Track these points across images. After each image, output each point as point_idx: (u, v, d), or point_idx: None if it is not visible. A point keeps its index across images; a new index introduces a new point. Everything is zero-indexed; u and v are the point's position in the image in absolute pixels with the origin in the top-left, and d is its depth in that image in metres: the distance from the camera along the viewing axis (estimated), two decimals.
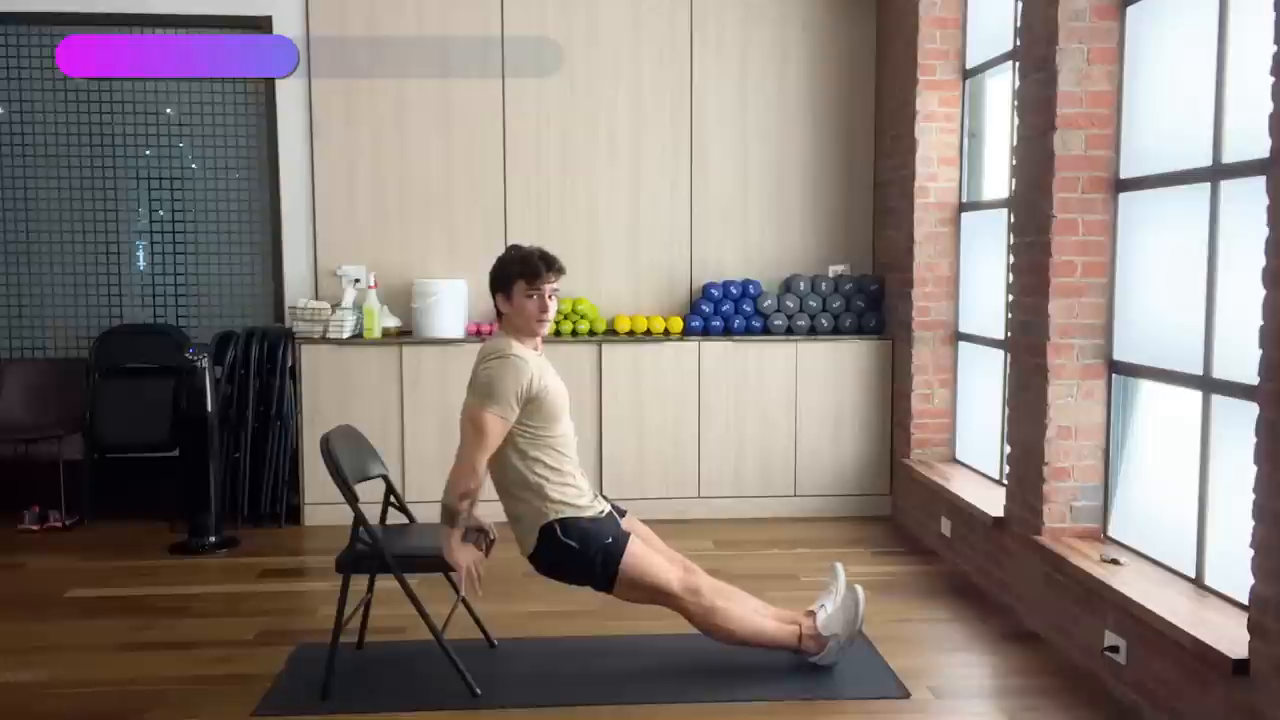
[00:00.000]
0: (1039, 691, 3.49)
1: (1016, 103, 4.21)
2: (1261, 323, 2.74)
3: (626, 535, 3.44)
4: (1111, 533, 3.92)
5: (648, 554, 3.45)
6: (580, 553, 3.36)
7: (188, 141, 6.00)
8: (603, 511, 3.48)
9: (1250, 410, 2.83)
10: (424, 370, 5.54)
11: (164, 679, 3.57)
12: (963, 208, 5.30)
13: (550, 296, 3.41)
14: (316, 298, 5.76)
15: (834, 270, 5.93)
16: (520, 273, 3.38)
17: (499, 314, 3.46)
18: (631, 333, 5.72)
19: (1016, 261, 4.19)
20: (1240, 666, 2.78)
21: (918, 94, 5.26)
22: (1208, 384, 3.30)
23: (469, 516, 3.37)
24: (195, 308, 6.03)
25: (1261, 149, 2.81)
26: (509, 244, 3.58)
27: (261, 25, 5.71)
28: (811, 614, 3.60)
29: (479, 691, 3.39)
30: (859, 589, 3.59)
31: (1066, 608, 3.74)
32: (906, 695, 3.44)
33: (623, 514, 3.59)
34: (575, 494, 3.42)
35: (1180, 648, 3.03)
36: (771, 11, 5.86)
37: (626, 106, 5.85)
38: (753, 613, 3.56)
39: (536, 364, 3.38)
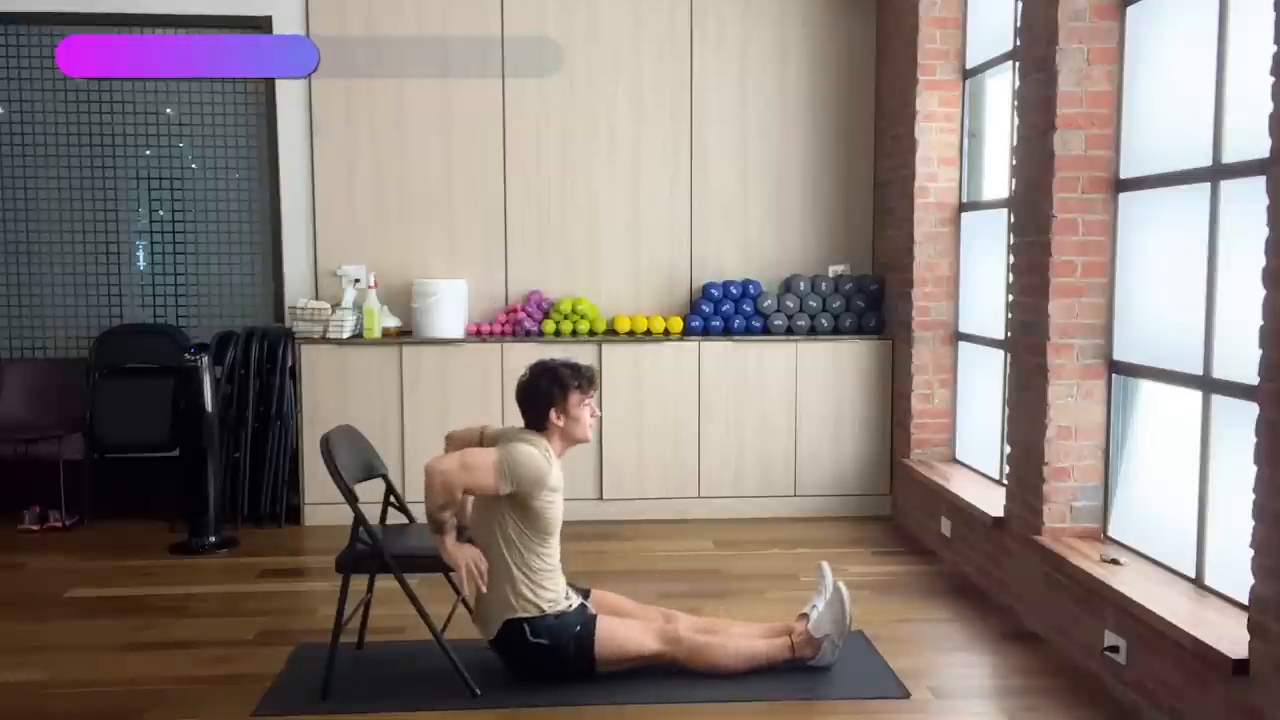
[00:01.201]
0: (1039, 691, 3.49)
1: (1016, 103, 4.21)
2: (1261, 323, 2.74)
3: (593, 617, 3.47)
4: (1111, 533, 3.92)
5: (617, 626, 3.48)
6: (552, 649, 3.40)
7: (188, 141, 6.00)
8: (570, 605, 3.49)
9: (1250, 410, 2.83)
10: (424, 370, 5.54)
11: (164, 679, 3.57)
12: (963, 208, 5.30)
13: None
14: (316, 298, 5.76)
15: (834, 270, 5.93)
16: (578, 385, 3.47)
17: (542, 427, 3.47)
18: (631, 333, 5.72)
19: (1016, 261, 4.19)
20: (1240, 666, 2.78)
21: (918, 94, 5.26)
22: (1208, 384, 3.30)
23: (457, 518, 3.38)
24: (195, 308, 6.03)
25: (1261, 149, 2.81)
26: (537, 362, 3.59)
27: (261, 25, 5.71)
28: (804, 616, 3.60)
29: (479, 691, 3.39)
30: (843, 587, 3.59)
31: (1066, 608, 3.74)
32: (906, 695, 3.44)
33: (587, 593, 3.61)
34: (548, 594, 3.44)
35: (1180, 648, 3.03)
36: (771, 9, 5.86)
37: (626, 106, 5.85)
38: (740, 639, 3.57)
39: (558, 477, 3.43)
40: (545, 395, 3.46)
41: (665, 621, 3.56)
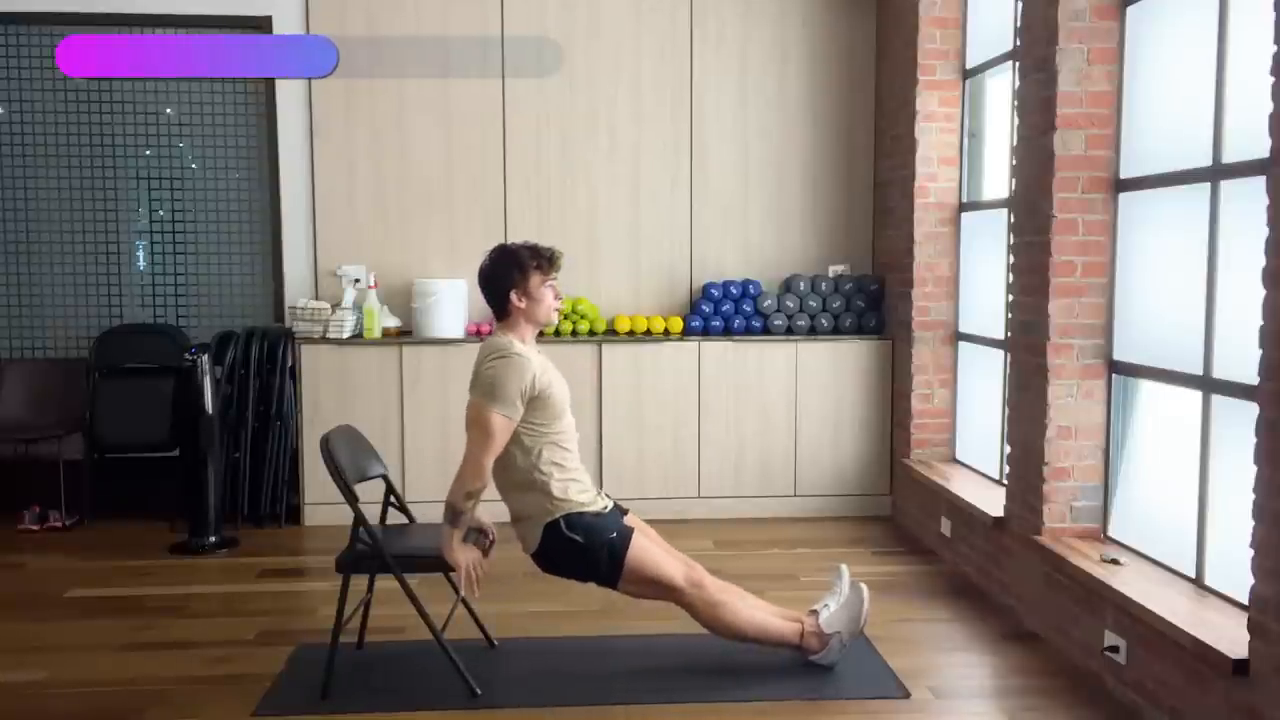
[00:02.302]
0: (1039, 691, 3.49)
1: (1016, 103, 4.21)
2: (1261, 323, 2.74)
3: (630, 529, 3.46)
4: (1111, 533, 3.92)
5: (652, 548, 3.47)
6: (585, 547, 3.37)
7: (188, 141, 6.00)
8: (606, 507, 3.49)
9: (1250, 410, 2.83)
10: (424, 370, 5.54)
11: (164, 679, 3.57)
12: (963, 208, 5.30)
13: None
14: (316, 298, 5.76)
15: (834, 270, 5.93)
16: (537, 265, 3.41)
17: (505, 312, 3.44)
18: (631, 333, 5.72)
19: (1016, 261, 4.19)
20: (1240, 666, 2.78)
21: (918, 94, 5.26)
22: (1208, 384, 3.30)
23: (471, 517, 3.38)
24: (195, 308, 6.03)
25: (1261, 149, 2.81)
26: (497, 245, 3.57)
27: (261, 25, 5.71)
28: (814, 613, 3.60)
29: (479, 691, 3.39)
30: (863, 587, 3.59)
31: (1066, 608, 3.74)
32: (906, 695, 3.44)
33: (625, 513, 3.60)
34: (579, 489, 3.43)
35: (1180, 648, 3.03)
36: (771, 9, 5.86)
37: (626, 105, 5.85)
38: (756, 608, 3.56)
39: (539, 361, 3.39)
40: (505, 279, 3.41)
41: (689, 568, 3.53)
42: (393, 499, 3.86)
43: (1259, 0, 2.92)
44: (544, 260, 3.42)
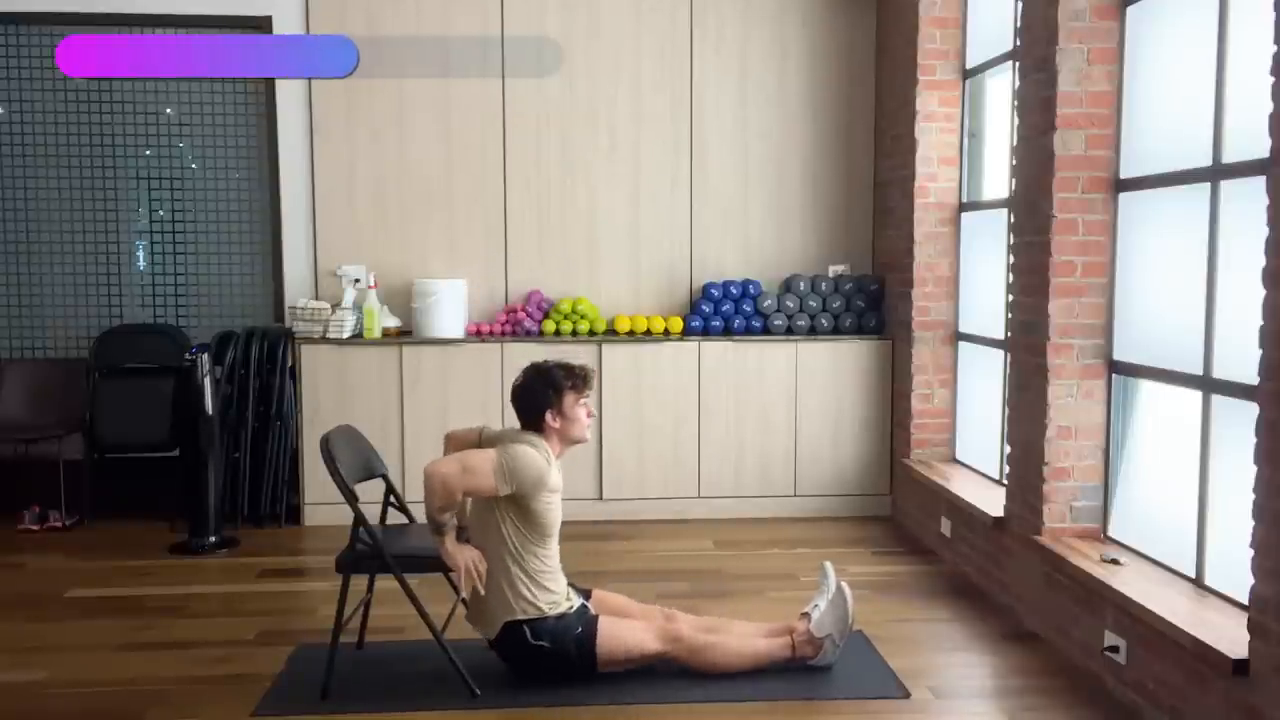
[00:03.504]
0: (1039, 691, 3.49)
1: (1016, 103, 4.20)
2: (1261, 323, 2.74)
3: (595, 618, 3.47)
4: (1111, 533, 3.92)
5: (618, 627, 3.48)
6: (554, 650, 3.40)
7: (188, 141, 6.00)
8: (571, 607, 3.49)
9: (1250, 410, 2.83)
10: (424, 370, 5.54)
11: (164, 679, 3.57)
12: (963, 208, 5.30)
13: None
14: (316, 298, 5.76)
15: (834, 270, 5.93)
16: (572, 385, 3.46)
17: (539, 430, 3.46)
18: (631, 333, 5.72)
19: (1016, 261, 4.19)
20: (1240, 666, 2.78)
21: (918, 94, 5.26)
22: (1208, 384, 3.30)
23: (456, 518, 3.39)
24: (195, 308, 6.03)
25: (1261, 149, 2.81)
26: (530, 364, 3.58)
27: (261, 25, 5.71)
28: (806, 616, 3.60)
29: (479, 691, 3.39)
30: (845, 587, 3.59)
31: (1066, 608, 3.74)
32: (906, 695, 3.44)
33: (588, 594, 3.61)
34: (548, 596, 3.43)
35: (1180, 648, 3.03)
36: (771, 8, 5.86)
37: (626, 105, 5.85)
38: (741, 639, 3.57)
39: (559, 481, 3.43)
40: (540, 398, 3.45)
41: (666, 621, 3.55)
42: (393, 499, 3.86)
43: (1259, 0, 2.91)
44: (579, 380, 3.47)
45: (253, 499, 5.54)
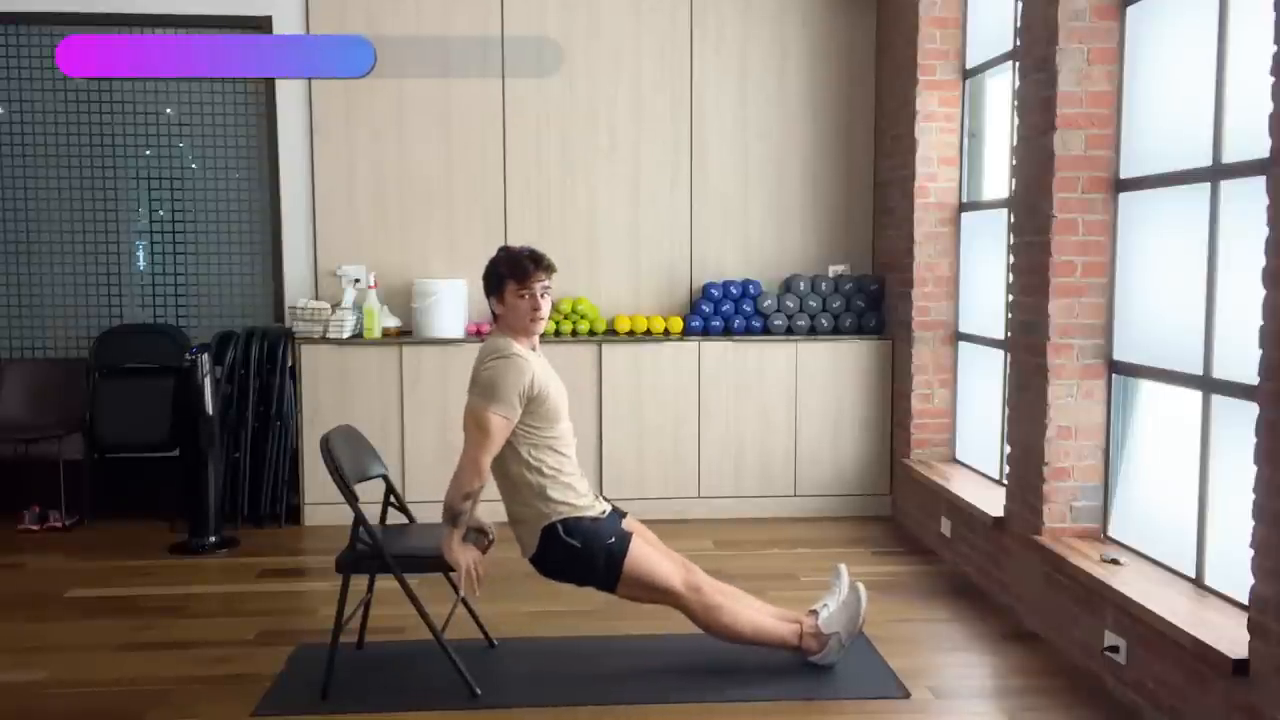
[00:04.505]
0: (1039, 691, 3.49)
1: (1016, 103, 4.21)
2: (1261, 323, 2.74)
3: (629, 534, 3.45)
4: (1111, 533, 3.92)
5: (650, 553, 3.46)
6: (583, 552, 3.37)
7: (188, 141, 6.00)
8: (604, 511, 3.49)
9: (1250, 410, 2.83)
10: (424, 370, 5.54)
11: (164, 679, 3.57)
12: (963, 208, 5.30)
13: (542, 295, 3.41)
14: (316, 298, 5.76)
15: (834, 270, 5.93)
16: (509, 273, 3.40)
17: (494, 316, 3.47)
18: (631, 333, 5.72)
19: (1016, 261, 4.19)
20: (1240, 666, 2.78)
21: (918, 94, 5.26)
22: (1208, 384, 3.30)
23: (470, 516, 3.38)
24: (195, 308, 6.03)
25: (1261, 149, 2.81)
26: (500, 246, 3.59)
27: (261, 25, 5.71)
28: (813, 613, 3.60)
29: (479, 691, 3.39)
30: (861, 587, 3.59)
31: (1066, 608, 3.74)
32: (906, 695, 3.44)
33: (623, 515, 3.60)
34: (576, 495, 3.43)
35: (1180, 648, 3.03)
36: (771, 8, 5.86)
37: (626, 106, 5.85)
38: (754, 610, 3.57)
39: (537, 363, 3.39)
40: (486, 285, 3.45)
41: (688, 572, 3.53)
42: (393, 499, 3.86)
43: (1259, 0, 2.91)
44: (517, 269, 3.39)
45: (253, 499, 5.54)
